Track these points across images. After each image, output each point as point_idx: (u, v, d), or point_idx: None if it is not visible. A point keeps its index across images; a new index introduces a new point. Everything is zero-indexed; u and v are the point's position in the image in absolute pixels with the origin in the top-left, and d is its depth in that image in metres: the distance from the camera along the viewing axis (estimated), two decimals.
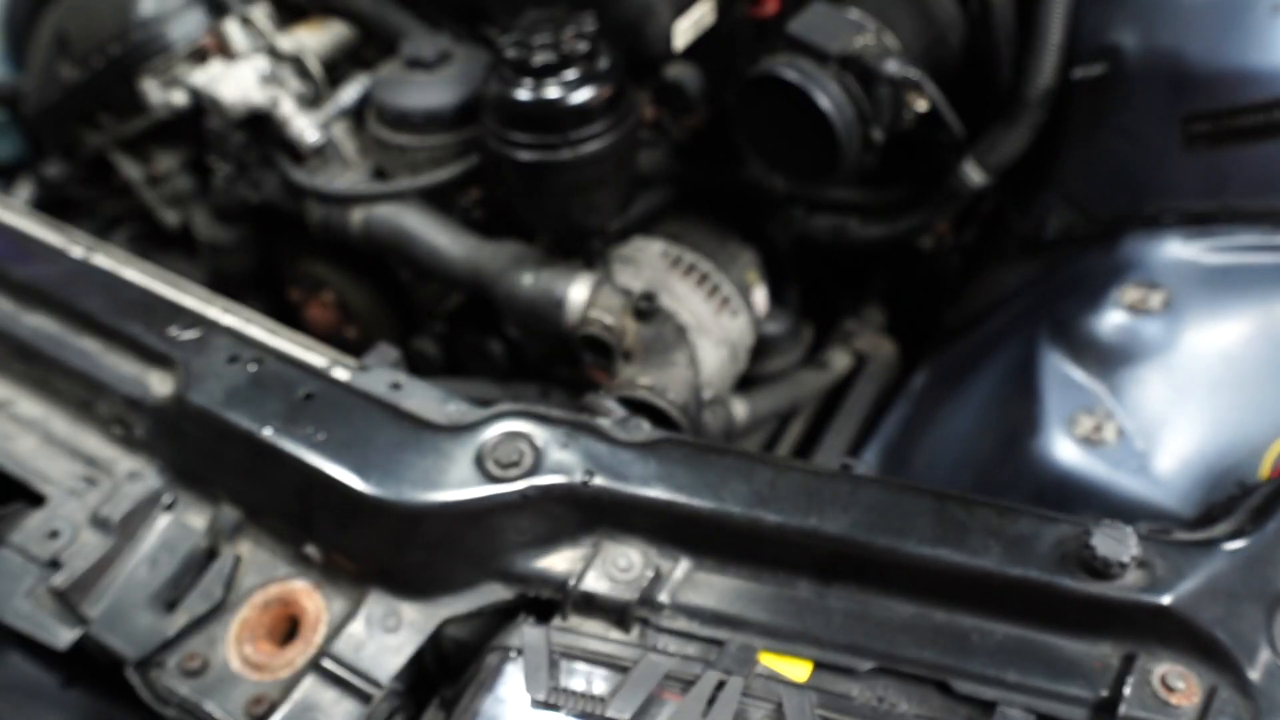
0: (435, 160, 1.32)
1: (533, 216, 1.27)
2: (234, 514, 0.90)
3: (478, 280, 1.23)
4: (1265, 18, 1.03)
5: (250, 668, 0.83)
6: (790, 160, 1.23)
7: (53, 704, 0.94)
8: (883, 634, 0.78)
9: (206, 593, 0.86)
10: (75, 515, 0.92)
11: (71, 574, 0.86)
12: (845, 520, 0.79)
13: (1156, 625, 0.74)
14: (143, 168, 1.61)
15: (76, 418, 0.99)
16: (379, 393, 0.89)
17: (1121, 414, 1.05)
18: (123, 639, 0.85)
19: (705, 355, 1.35)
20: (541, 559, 0.84)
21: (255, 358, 0.93)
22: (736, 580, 0.82)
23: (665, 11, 1.24)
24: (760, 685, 0.75)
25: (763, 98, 1.19)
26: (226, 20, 1.36)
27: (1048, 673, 0.75)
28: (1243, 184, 1.08)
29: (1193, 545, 0.76)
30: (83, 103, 1.47)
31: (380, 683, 0.80)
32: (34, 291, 1.03)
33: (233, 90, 1.32)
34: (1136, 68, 1.11)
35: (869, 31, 1.16)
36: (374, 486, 0.82)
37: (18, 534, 0.91)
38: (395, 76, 1.32)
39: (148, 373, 0.97)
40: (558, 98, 1.14)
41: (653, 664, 0.76)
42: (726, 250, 1.45)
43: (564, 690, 0.75)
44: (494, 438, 0.85)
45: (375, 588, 0.85)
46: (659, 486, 0.82)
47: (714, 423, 1.33)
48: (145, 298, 1.00)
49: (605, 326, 1.10)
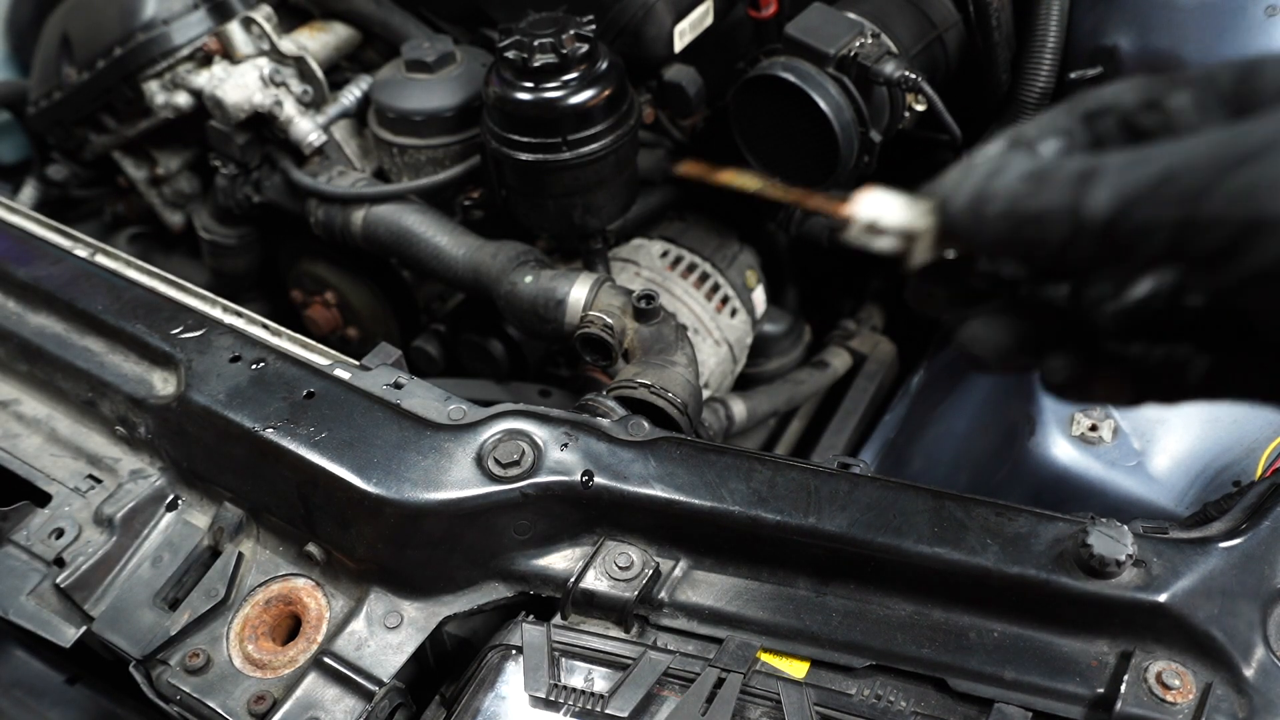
0: (436, 161, 1.32)
1: (533, 217, 1.27)
2: (236, 513, 0.91)
3: (478, 280, 1.23)
4: (1260, 20, 1.03)
5: (252, 665, 0.84)
6: (789, 162, 1.23)
7: (57, 701, 0.95)
8: (881, 632, 0.78)
9: (209, 591, 0.87)
10: (79, 514, 0.92)
11: (75, 572, 0.87)
12: (844, 519, 0.79)
13: (1153, 623, 0.74)
14: (146, 169, 1.61)
15: (80, 417, 1.00)
16: (380, 392, 0.90)
17: (1118, 413, 1.05)
18: (126, 637, 0.85)
19: (705, 355, 1.36)
20: (541, 558, 0.85)
21: (257, 358, 0.93)
22: (735, 579, 0.83)
23: (665, 13, 1.25)
24: (759, 683, 0.76)
25: (761, 99, 1.20)
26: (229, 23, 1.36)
27: (1045, 670, 0.75)
28: None
29: (1189, 544, 0.77)
30: (86, 105, 1.48)
31: (381, 680, 0.80)
32: (38, 292, 1.03)
33: (235, 92, 1.33)
34: (1133, 70, 1.11)
35: (867, 33, 1.17)
36: (375, 485, 0.83)
37: (22, 532, 0.92)
38: (396, 78, 1.32)
39: (151, 372, 0.97)
40: (558, 99, 1.14)
41: (652, 662, 0.76)
42: (726, 250, 1.45)
43: (564, 688, 0.76)
44: (494, 437, 0.85)
45: (377, 586, 0.85)
46: (659, 485, 0.82)
47: (713, 422, 1.33)
48: (148, 298, 1.01)
49: (605, 326, 1.11)
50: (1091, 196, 0.40)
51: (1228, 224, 0.37)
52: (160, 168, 1.59)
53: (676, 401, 1.01)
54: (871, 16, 1.19)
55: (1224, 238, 0.38)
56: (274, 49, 1.37)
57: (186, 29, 1.38)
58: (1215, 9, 1.05)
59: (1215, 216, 0.38)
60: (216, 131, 1.39)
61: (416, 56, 1.30)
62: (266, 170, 1.44)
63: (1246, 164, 0.37)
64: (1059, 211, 0.40)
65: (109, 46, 1.40)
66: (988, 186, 0.42)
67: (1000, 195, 0.42)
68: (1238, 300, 0.39)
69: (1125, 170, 0.40)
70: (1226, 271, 0.38)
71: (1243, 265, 0.37)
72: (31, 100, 1.55)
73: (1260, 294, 0.38)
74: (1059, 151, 0.44)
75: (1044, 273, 0.45)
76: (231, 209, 1.48)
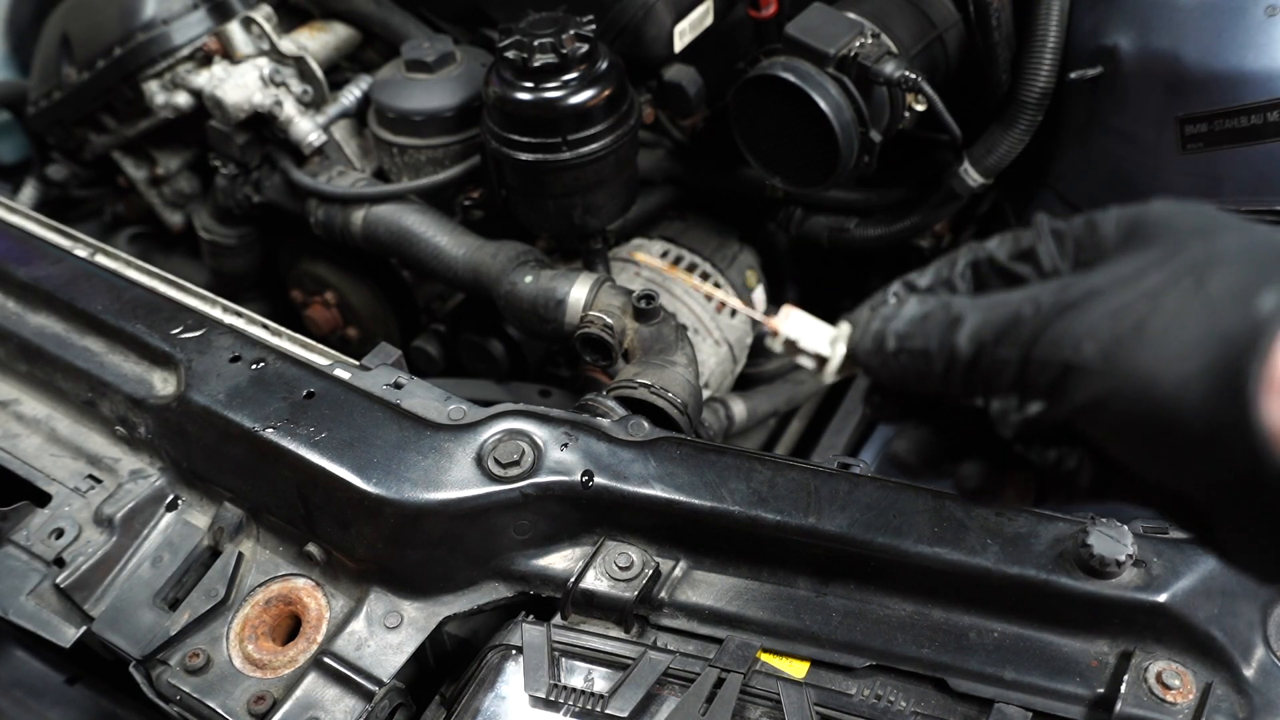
0: (436, 161, 1.32)
1: (533, 217, 1.27)
2: (236, 513, 0.91)
3: (478, 280, 1.23)
4: (1260, 21, 1.03)
5: (252, 665, 0.84)
6: (789, 162, 1.23)
7: (57, 701, 0.95)
8: (881, 632, 0.78)
9: (209, 591, 0.87)
10: (79, 514, 0.92)
11: (75, 572, 0.87)
12: (843, 519, 0.79)
13: (1152, 623, 0.74)
14: (146, 169, 1.61)
15: (80, 417, 1.00)
16: (380, 392, 0.90)
17: None
18: (126, 637, 0.85)
19: (705, 355, 1.36)
20: (542, 558, 0.85)
21: (257, 358, 0.93)
22: (735, 579, 0.83)
23: (665, 13, 1.25)
24: (759, 683, 0.76)
25: (761, 99, 1.20)
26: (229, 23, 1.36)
27: (1045, 670, 0.75)
28: (1237, 185, 1.08)
29: (1189, 543, 0.77)
30: (86, 105, 1.48)
31: (381, 680, 0.80)
32: (38, 292, 1.03)
33: (235, 92, 1.33)
34: (1132, 70, 1.11)
35: (867, 33, 1.17)
36: (375, 485, 0.83)
37: (22, 532, 0.92)
38: (396, 78, 1.32)
39: (151, 372, 0.97)
40: (558, 99, 1.14)
41: (652, 662, 0.76)
42: (726, 250, 1.45)
43: (564, 688, 0.76)
44: (494, 437, 0.85)
45: (377, 586, 0.85)
46: (658, 485, 0.82)
47: (713, 422, 1.33)
48: (148, 298, 1.01)
49: (605, 326, 1.11)
50: (957, 338, 0.47)
51: (1051, 366, 0.44)
52: (160, 168, 1.59)
53: (676, 401, 1.01)
54: (871, 16, 1.19)
55: (1051, 377, 0.44)
56: (274, 49, 1.37)
57: (186, 29, 1.38)
58: (1215, 9, 1.05)
59: (1042, 359, 0.44)
60: (216, 131, 1.39)
61: (416, 56, 1.30)
62: (266, 170, 1.44)
63: (1067, 313, 0.44)
64: (935, 351, 0.48)
65: (109, 46, 1.40)
66: (884, 329, 0.51)
67: (893, 336, 0.50)
68: (1079, 427, 0.45)
69: (982, 315, 0.47)
70: (1060, 405, 0.44)
71: (1069, 401, 0.44)
72: (31, 100, 1.55)
73: (1090, 425, 0.44)
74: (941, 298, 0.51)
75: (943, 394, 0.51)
76: (231, 209, 1.48)
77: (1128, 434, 0.43)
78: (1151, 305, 0.42)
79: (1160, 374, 0.40)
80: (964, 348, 0.47)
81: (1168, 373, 0.40)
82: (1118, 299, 0.43)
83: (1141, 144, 1.14)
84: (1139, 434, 0.42)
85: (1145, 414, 0.41)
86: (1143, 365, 0.41)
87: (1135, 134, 1.14)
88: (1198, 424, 0.40)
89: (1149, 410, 0.41)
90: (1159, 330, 0.41)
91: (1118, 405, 0.42)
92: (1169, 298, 0.42)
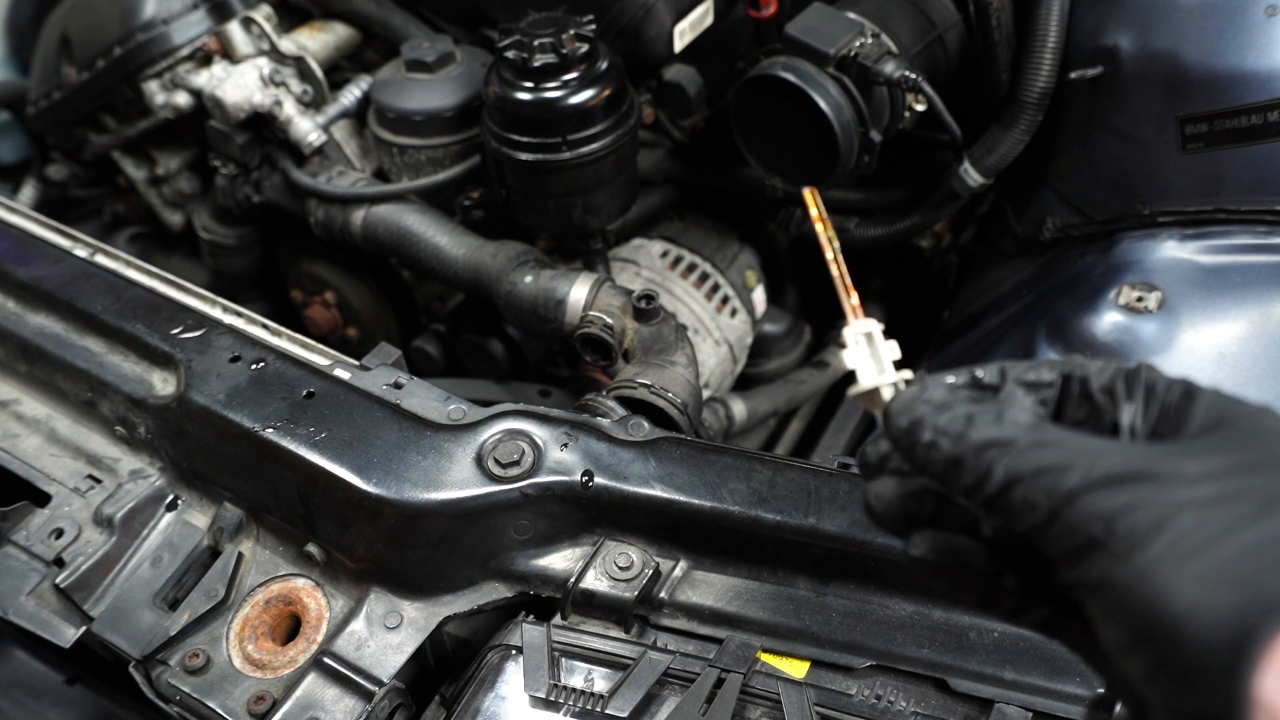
0: (436, 161, 1.32)
1: (533, 217, 1.27)
2: (236, 513, 0.91)
3: (478, 280, 1.23)
4: (1260, 21, 1.03)
5: (252, 665, 0.84)
6: (789, 162, 1.23)
7: (57, 701, 0.95)
8: (881, 632, 0.78)
9: (209, 591, 0.87)
10: (79, 514, 0.92)
11: (75, 572, 0.87)
12: (843, 519, 0.79)
13: None
14: (145, 169, 1.61)
15: (80, 417, 1.00)
16: (380, 392, 0.90)
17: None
18: (126, 637, 0.85)
19: (705, 355, 1.36)
20: (542, 558, 0.85)
21: (257, 358, 0.93)
22: (735, 579, 0.83)
23: (665, 13, 1.25)
24: (759, 683, 0.76)
25: (761, 99, 1.20)
26: (229, 23, 1.36)
27: (1045, 670, 0.75)
28: (1237, 185, 1.08)
29: None
30: (86, 104, 1.48)
31: (381, 680, 0.80)
32: (38, 292, 1.03)
33: (235, 92, 1.33)
34: (1132, 69, 1.11)
35: (867, 33, 1.17)
36: (375, 485, 0.83)
37: (22, 532, 0.92)
38: (396, 78, 1.32)
39: (151, 372, 0.97)
40: (558, 99, 1.14)
41: (652, 662, 0.76)
42: (726, 250, 1.45)
43: (564, 688, 0.76)
44: (494, 437, 0.85)
45: (376, 586, 0.85)
46: (659, 485, 0.82)
47: (713, 422, 1.33)
48: (148, 298, 1.01)
49: (605, 326, 1.11)
50: (996, 466, 0.45)
51: (1077, 535, 0.42)
52: (160, 168, 1.59)
53: (676, 401, 1.01)
54: (871, 16, 1.19)
55: (1071, 545, 0.42)
56: (274, 49, 1.37)
57: (186, 29, 1.38)
58: (1215, 9, 1.05)
59: (1070, 526, 0.42)
60: (216, 131, 1.39)
61: (416, 56, 1.30)
62: (266, 170, 1.44)
63: (1116, 488, 0.42)
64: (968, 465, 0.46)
65: (109, 46, 1.40)
66: (925, 417, 0.48)
67: (930, 429, 0.48)
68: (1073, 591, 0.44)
69: (1031, 458, 0.44)
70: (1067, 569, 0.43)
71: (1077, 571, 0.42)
72: (31, 100, 1.55)
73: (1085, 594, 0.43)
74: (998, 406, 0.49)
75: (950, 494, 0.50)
76: (231, 209, 1.48)
77: (1117, 620, 0.41)
78: (1199, 516, 0.40)
79: (1177, 588, 0.39)
80: (998, 479, 0.45)
81: (1185, 591, 0.39)
82: (1170, 495, 0.41)
83: (1142, 144, 1.14)
84: (1129, 627, 0.41)
85: (1144, 615, 0.40)
86: (1164, 572, 0.39)
87: (1135, 134, 1.14)
88: (1188, 651, 0.38)
89: (1149, 614, 0.40)
90: (1196, 543, 0.39)
91: (1121, 595, 0.41)
92: (1220, 514, 0.40)
